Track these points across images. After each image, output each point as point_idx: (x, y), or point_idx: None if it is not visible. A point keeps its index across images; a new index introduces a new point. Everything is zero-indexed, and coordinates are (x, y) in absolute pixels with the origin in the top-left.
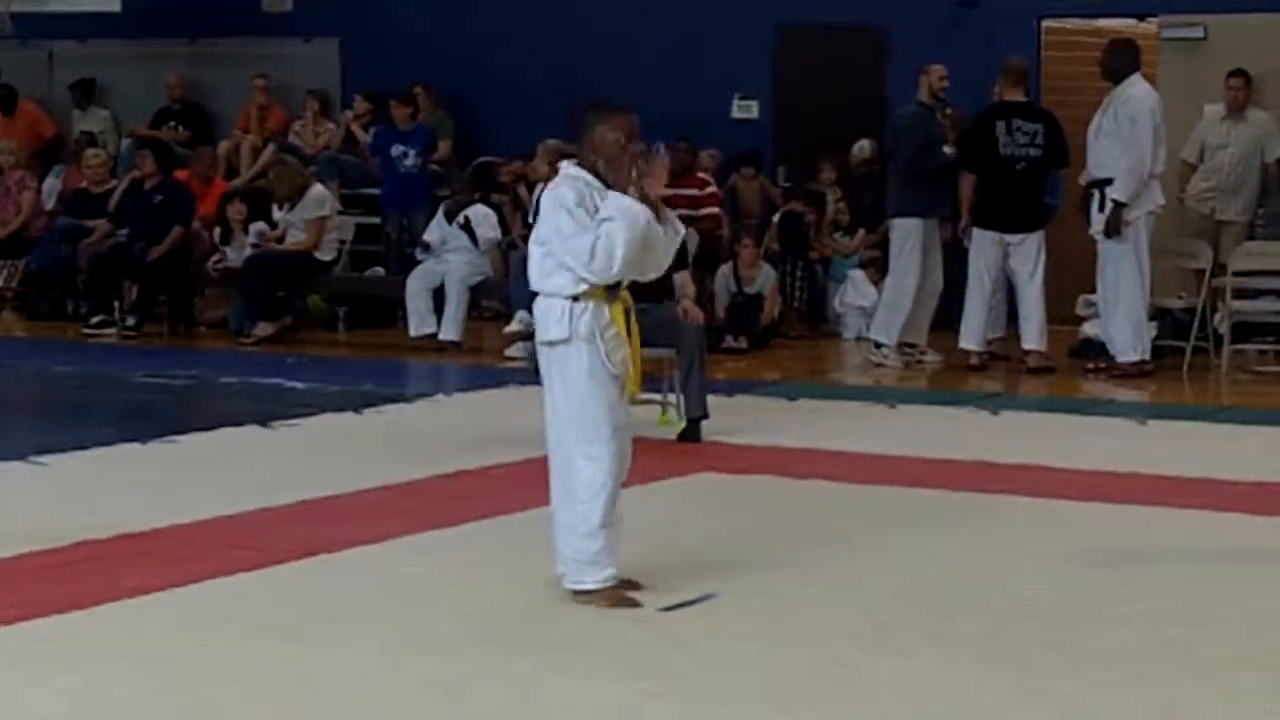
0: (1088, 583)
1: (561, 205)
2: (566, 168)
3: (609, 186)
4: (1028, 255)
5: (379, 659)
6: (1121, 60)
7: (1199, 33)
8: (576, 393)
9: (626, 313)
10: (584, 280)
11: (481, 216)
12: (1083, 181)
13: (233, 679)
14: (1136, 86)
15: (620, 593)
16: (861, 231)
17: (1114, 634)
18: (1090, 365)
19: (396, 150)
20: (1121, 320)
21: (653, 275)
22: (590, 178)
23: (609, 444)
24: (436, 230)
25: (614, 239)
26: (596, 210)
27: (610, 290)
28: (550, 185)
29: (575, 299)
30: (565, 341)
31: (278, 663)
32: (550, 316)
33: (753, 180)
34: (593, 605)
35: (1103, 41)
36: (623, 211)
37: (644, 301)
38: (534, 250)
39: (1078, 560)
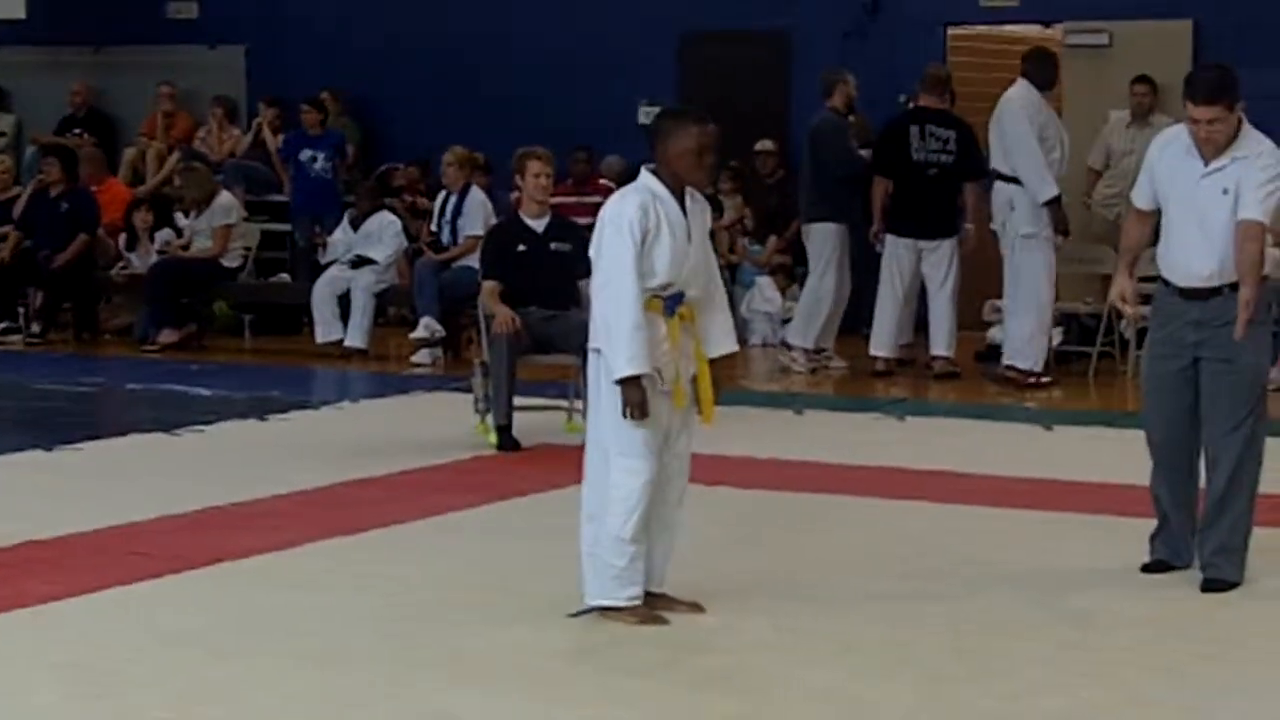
0: (995, 589)
1: (621, 220)
2: (644, 174)
3: (678, 197)
4: (940, 261)
5: (283, 668)
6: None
7: (1104, 39)
8: (617, 397)
9: (687, 327)
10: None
11: (385, 224)
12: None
13: (141, 687)
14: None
15: (649, 611)
16: (773, 239)
17: (1021, 641)
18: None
19: (305, 155)
20: (1036, 326)
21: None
22: (659, 188)
23: (648, 459)
24: (342, 238)
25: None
26: (658, 223)
27: (668, 303)
28: (618, 194)
29: None
30: None
31: (185, 671)
32: None
33: None
34: (619, 621)
35: (1011, 49)
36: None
37: (550, 308)
38: (591, 253)
39: (985, 566)
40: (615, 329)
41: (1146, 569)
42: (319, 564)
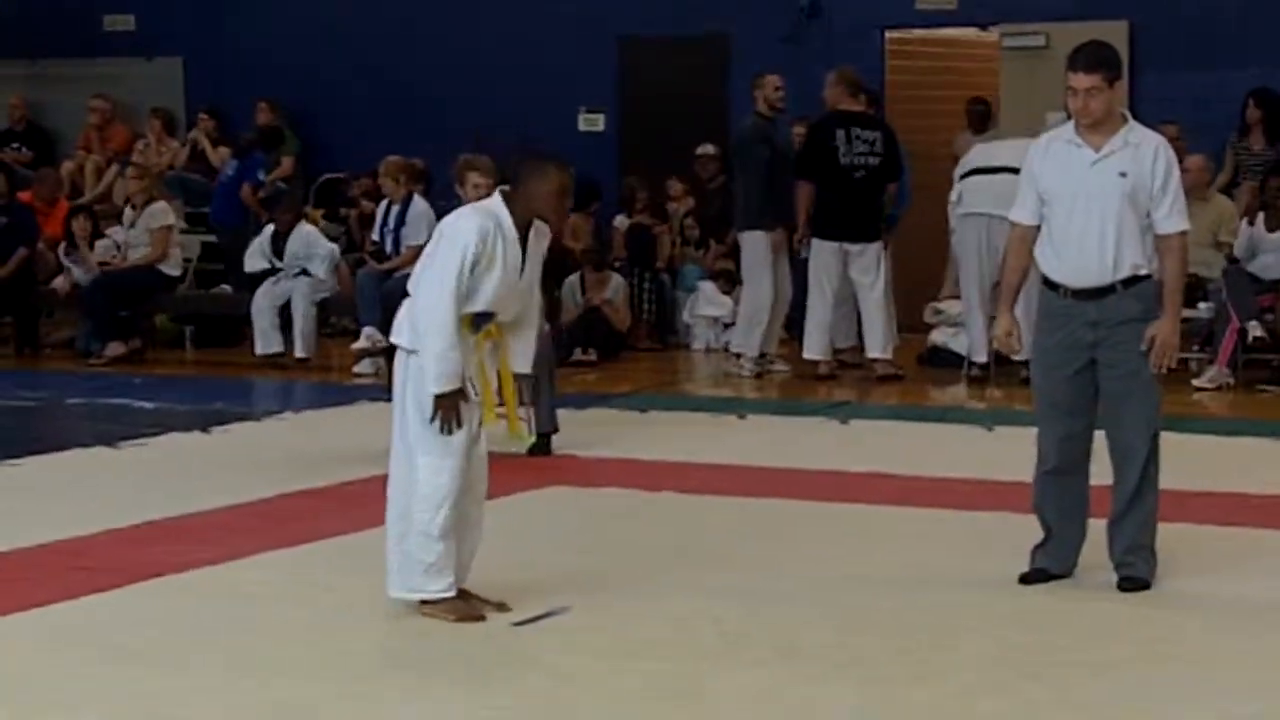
0: (936, 591)
1: (457, 240)
2: (496, 199)
3: (522, 231)
4: (869, 265)
5: (225, 681)
6: None
7: (1040, 41)
8: (429, 403)
9: (494, 344)
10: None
11: (309, 237)
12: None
13: (82, 702)
14: None
15: (464, 604)
16: (713, 244)
17: (962, 642)
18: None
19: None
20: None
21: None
22: (506, 219)
23: (456, 457)
24: (260, 247)
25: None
26: (493, 255)
27: (476, 320)
28: (467, 208)
29: None
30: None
31: (126, 685)
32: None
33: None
34: (436, 617)
35: (948, 51)
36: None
37: None
38: (424, 254)
39: (927, 568)
40: (433, 348)
41: (1025, 579)
42: (264, 576)
